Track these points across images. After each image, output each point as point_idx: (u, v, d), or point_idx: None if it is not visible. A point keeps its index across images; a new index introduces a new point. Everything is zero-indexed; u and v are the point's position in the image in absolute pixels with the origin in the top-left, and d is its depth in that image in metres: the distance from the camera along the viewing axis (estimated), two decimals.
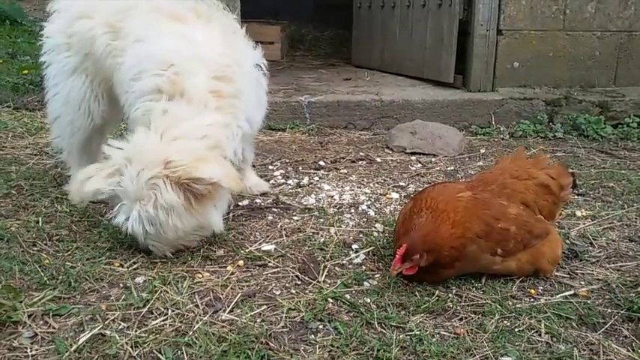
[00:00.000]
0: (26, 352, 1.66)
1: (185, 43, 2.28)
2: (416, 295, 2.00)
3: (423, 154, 3.64)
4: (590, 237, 2.47)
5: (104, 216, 2.48)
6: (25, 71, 5.08)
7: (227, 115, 2.23)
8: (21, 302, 1.86)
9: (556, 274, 2.17)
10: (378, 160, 3.50)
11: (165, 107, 2.14)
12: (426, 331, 1.80)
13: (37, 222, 2.43)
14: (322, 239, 2.40)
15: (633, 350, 1.75)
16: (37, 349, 1.67)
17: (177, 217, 2.06)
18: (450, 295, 2.02)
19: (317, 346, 1.73)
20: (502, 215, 2.03)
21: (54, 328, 1.77)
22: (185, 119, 2.12)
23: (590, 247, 2.40)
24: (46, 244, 2.27)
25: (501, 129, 4.12)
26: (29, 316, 1.81)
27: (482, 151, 3.74)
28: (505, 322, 1.87)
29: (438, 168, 3.40)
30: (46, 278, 2.01)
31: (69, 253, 2.21)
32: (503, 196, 2.08)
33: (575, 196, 2.90)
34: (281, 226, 2.51)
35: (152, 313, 1.86)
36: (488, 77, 4.35)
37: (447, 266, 2.01)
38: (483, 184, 2.13)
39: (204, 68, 2.22)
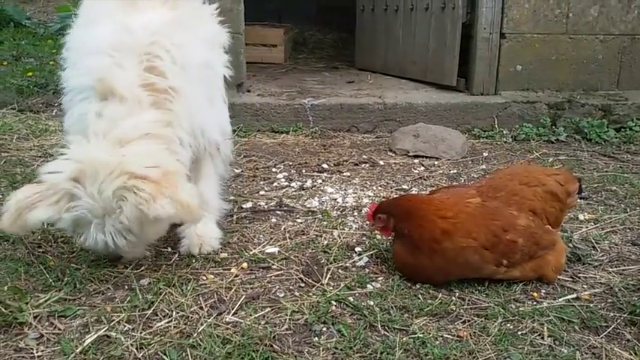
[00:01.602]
0: (32, 353, 1.68)
1: (115, 32, 2.05)
2: (419, 298, 2.01)
3: (426, 157, 3.64)
4: (593, 240, 2.48)
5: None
6: (30, 73, 5.10)
7: (166, 112, 2.03)
8: (27, 303, 1.88)
9: (558, 277, 2.17)
10: (381, 163, 3.51)
11: (98, 110, 1.96)
12: (429, 333, 1.81)
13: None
14: (325, 242, 2.41)
15: (635, 354, 1.75)
16: (42, 350, 1.69)
17: (146, 224, 1.94)
18: (453, 298, 2.02)
19: (321, 348, 1.74)
20: (510, 227, 2.03)
21: (59, 329, 1.79)
22: (121, 119, 1.95)
23: (593, 251, 2.40)
24: (51, 246, 2.28)
25: (504, 132, 4.12)
26: (35, 318, 1.82)
27: (485, 154, 3.75)
28: (508, 325, 1.88)
29: (441, 171, 3.41)
30: (51, 280, 2.03)
31: (73, 254, 2.22)
32: (513, 205, 2.08)
33: (578, 200, 2.91)
34: (284, 229, 2.52)
35: (157, 315, 1.87)
36: (491, 80, 4.36)
37: (424, 252, 2.03)
38: (493, 190, 2.14)
39: (132, 59, 2.01)
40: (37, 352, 1.68)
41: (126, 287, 2.02)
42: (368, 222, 2.16)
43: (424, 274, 2.08)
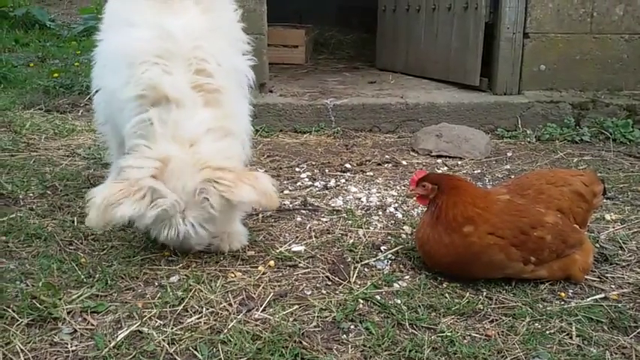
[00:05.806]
0: (67, 347, 1.71)
1: (156, 37, 2.17)
2: (446, 297, 2.02)
3: (449, 156, 3.64)
4: (620, 241, 2.46)
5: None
6: (56, 74, 5.19)
7: (218, 109, 2.17)
8: (60, 299, 1.92)
9: (586, 277, 2.16)
10: (404, 162, 3.52)
11: (159, 115, 2.09)
12: (457, 332, 1.82)
13: (73, 221, 2.49)
14: (351, 241, 2.42)
15: None
16: (76, 345, 1.73)
17: (224, 213, 2.10)
18: (481, 297, 2.03)
19: (349, 345, 1.75)
20: (538, 223, 2.04)
21: (92, 324, 1.82)
22: (183, 120, 2.09)
23: (620, 251, 2.39)
24: (82, 243, 2.33)
25: (528, 132, 4.10)
26: (68, 313, 1.86)
27: (509, 154, 3.73)
28: (536, 324, 1.88)
29: (465, 171, 3.40)
30: (83, 276, 2.07)
31: (104, 252, 2.27)
32: (541, 203, 2.09)
33: (604, 200, 2.88)
34: (310, 228, 2.54)
35: (187, 311, 1.90)
36: (514, 80, 4.33)
37: (444, 227, 2.05)
38: (520, 188, 2.15)
39: (180, 63, 2.15)
40: (71, 347, 1.72)
41: (156, 284, 2.06)
42: (409, 186, 2.19)
43: (441, 253, 2.07)
